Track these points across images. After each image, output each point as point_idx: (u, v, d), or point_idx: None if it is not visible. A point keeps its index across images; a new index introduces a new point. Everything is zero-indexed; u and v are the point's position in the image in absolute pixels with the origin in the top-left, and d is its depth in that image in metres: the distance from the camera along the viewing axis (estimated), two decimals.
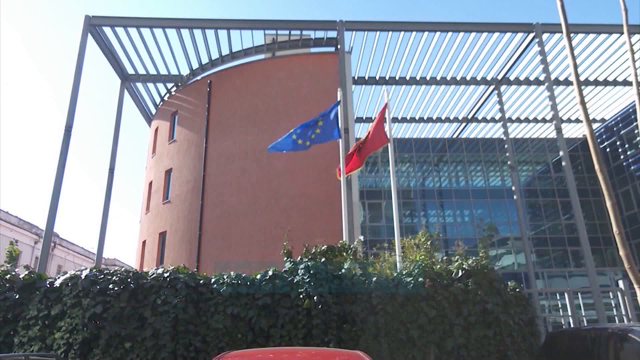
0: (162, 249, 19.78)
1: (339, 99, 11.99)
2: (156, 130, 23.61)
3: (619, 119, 29.99)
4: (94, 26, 18.59)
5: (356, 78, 22.64)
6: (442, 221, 31.87)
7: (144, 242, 21.37)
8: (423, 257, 8.39)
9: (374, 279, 7.84)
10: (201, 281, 7.92)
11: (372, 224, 31.06)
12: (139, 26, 18.74)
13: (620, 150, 30.38)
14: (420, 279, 7.74)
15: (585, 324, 13.16)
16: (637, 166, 29.01)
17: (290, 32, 20.27)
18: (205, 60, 21.65)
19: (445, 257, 9.02)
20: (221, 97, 20.68)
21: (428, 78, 22.91)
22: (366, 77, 22.90)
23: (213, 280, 7.94)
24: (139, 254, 21.71)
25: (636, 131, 28.57)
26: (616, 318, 12.84)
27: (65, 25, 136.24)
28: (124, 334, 7.27)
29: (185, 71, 22.48)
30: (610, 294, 15.13)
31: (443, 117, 27.85)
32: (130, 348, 7.23)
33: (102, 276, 7.81)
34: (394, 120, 27.33)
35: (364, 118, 27.20)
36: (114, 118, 21.59)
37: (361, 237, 10.52)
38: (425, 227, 29.50)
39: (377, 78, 22.91)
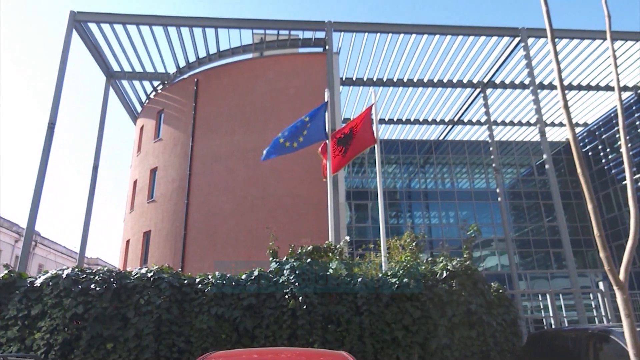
0: (146, 249, 19.58)
1: (326, 100, 12.00)
2: (142, 128, 23.36)
3: (601, 123, 30.56)
4: (79, 22, 18.33)
5: (344, 79, 22.69)
6: (428, 222, 32.11)
7: (127, 242, 21.12)
8: (408, 258, 8.43)
9: (360, 279, 7.86)
10: (185, 281, 7.85)
11: (358, 224, 31.15)
12: (125, 23, 18.53)
13: (602, 154, 30.94)
14: (405, 280, 7.78)
15: (566, 325, 13.36)
16: (618, 170, 29.58)
17: (278, 32, 20.24)
18: (192, 58, 21.50)
19: (430, 258, 9.09)
20: (208, 96, 20.56)
21: (415, 80, 23.07)
22: (354, 78, 22.97)
23: (198, 280, 7.88)
24: (123, 253, 21.46)
25: (617, 135, 29.13)
26: (596, 319, 13.06)
27: (50, 21, 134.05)
28: (106, 335, 7.17)
29: (172, 69, 22.29)
30: (591, 295, 15.38)
31: (429, 119, 28.06)
32: (112, 349, 7.13)
33: (84, 276, 7.69)
34: (381, 121, 27.47)
35: (352, 119, 27.24)
36: (99, 115, 21.31)
37: (347, 238, 10.55)
38: (411, 228, 29.78)
39: (365, 79, 22.99)
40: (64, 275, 7.62)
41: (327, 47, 18.81)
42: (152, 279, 7.69)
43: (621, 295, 3.54)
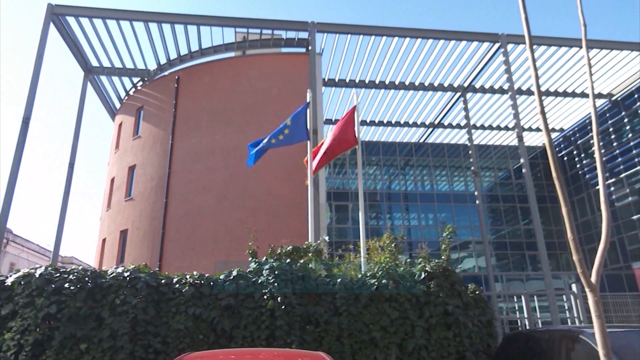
0: (123, 248, 19.25)
1: (308, 100, 12.00)
2: (120, 125, 22.98)
3: (576, 129, 31.32)
4: (56, 15, 17.92)
5: (326, 80, 22.73)
6: (407, 224, 32.42)
7: (103, 240, 20.74)
8: (387, 259, 8.49)
9: (339, 280, 7.88)
10: (163, 281, 7.74)
11: (338, 225, 31.23)
12: (104, 17, 18.20)
13: (576, 159, 31.72)
14: (384, 281, 7.84)
15: (540, 326, 13.65)
16: (592, 175, 30.36)
17: (261, 31, 20.15)
18: (173, 55, 21.24)
19: (409, 260, 9.16)
20: (189, 94, 20.34)
21: (397, 83, 23.26)
22: (336, 79, 23.03)
23: (175, 280, 7.79)
24: (99, 252, 21.05)
25: (592, 141, 29.89)
26: (569, 320, 13.38)
27: (26, 13, 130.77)
28: (80, 335, 7.02)
29: (152, 66, 21.98)
30: (564, 297, 15.75)
31: (410, 122, 28.32)
32: (85, 349, 6.98)
33: (57, 275, 7.51)
34: (363, 123, 27.60)
35: (333, 120, 27.33)
36: (76, 111, 20.86)
37: (326, 238, 10.56)
38: (391, 229, 29.94)
39: (347, 80, 23.08)
40: (36, 274, 7.43)
41: (310, 48, 18.81)
42: (128, 278, 7.56)
43: (592, 297, 3.62)
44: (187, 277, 7.79)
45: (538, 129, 29.47)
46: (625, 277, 26.26)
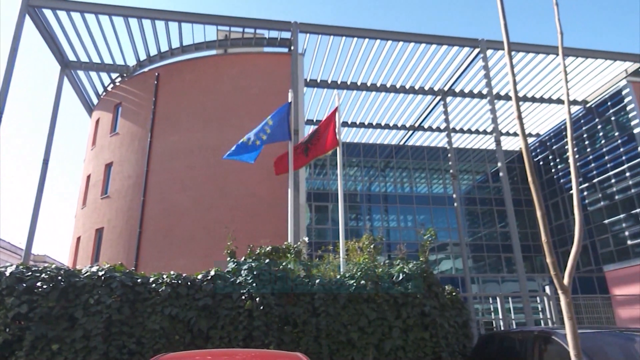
0: (98, 246, 18.86)
1: (290, 100, 11.99)
2: (97, 121, 22.53)
3: (552, 134, 32.05)
4: (32, 7, 17.48)
5: (308, 80, 22.73)
6: (386, 225, 32.64)
7: (78, 239, 20.29)
8: (366, 260, 8.54)
9: (317, 280, 7.88)
10: (139, 280, 7.60)
11: (318, 226, 31.25)
12: (82, 11, 17.83)
13: (552, 164, 32.45)
14: (362, 282, 7.87)
15: (514, 327, 13.90)
16: (566, 180, 31.10)
17: (243, 30, 20.03)
18: (153, 52, 20.94)
19: (387, 261, 9.23)
20: (169, 91, 20.07)
21: (378, 85, 23.41)
22: (318, 80, 23.05)
23: (152, 279, 7.67)
24: (73, 251, 20.58)
25: (567, 147, 30.63)
26: (542, 321, 13.66)
27: (0, 4, 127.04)
28: (52, 335, 6.85)
29: (131, 62, 21.63)
30: (538, 298, 16.08)
31: (391, 124, 28.54)
32: (57, 350, 6.81)
33: (29, 273, 7.31)
34: (344, 124, 27.69)
35: (315, 120, 27.35)
36: (51, 107, 20.38)
37: (305, 238, 10.55)
38: (370, 230, 30.16)
39: (329, 82, 23.12)
40: (7, 273, 7.22)
41: (292, 48, 18.78)
42: (103, 277, 7.41)
43: (564, 299, 3.71)
44: (164, 276, 7.68)
45: (515, 134, 30.05)
46: (596, 280, 26.96)
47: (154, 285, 7.57)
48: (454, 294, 8.66)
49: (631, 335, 6.56)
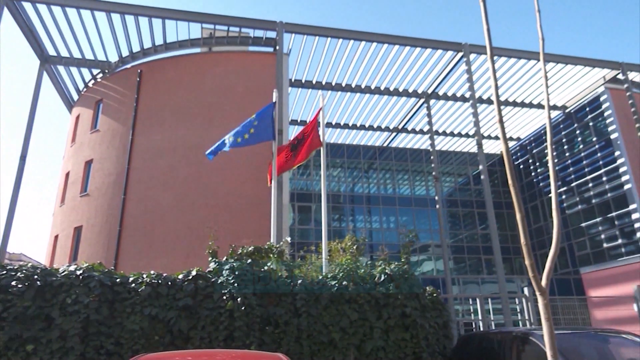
0: (77, 245, 18.53)
1: (274, 100, 11.95)
2: (77, 117, 22.13)
3: (532, 138, 32.61)
4: (12, 0, 17.08)
5: (293, 80, 22.70)
6: (369, 226, 32.79)
7: (56, 237, 19.90)
8: (348, 261, 8.56)
9: (300, 281, 7.87)
10: (118, 280, 7.49)
11: (301, 226, 31.23)
12: (63, 5, 17.46)
13: (532, 167, 33.02)
14: (344, 283, 7.89)
15: (493, 328, 14.10)
16: (546, 183, 31.68)
17: (228, 29, 19.90)
18: (136, 48, 20.66)
19: (369, 262, 9.27)
20: (152, 89, 19.83)
21: (363, 86, 23.51)
22: (303, 81, 23.04)
23: (131, 279, 7.56)
24: (50, 249, 20.17)
25: (546, 151, 31.21)
26: (520, 322, 13.88)
27: None
28: (27, 336, 6.69)
29: (113, 58, 21.30)
30: (516, 300, 16.35)
31: (375, 126, 28.68)
32: (32, 351, 6.67)
33: (4, 272, 7.14)
34: (328, 125, 27.72)
35: (299, 121, 27.32)
36: (30, 102, 19.94)
37: (288, 239, 10.53)
38: (353, 231, 30.27)
39: (314, 82, 23.12)
40: None
41: (277, 48, 18.73)
42: (81, 276, 7.27)
43: (542, 300, 3.78)
44: (144, 276, 7.58)
45: (497, 137, 30.48)
46: (573, 282, 27.52)
47: (133, 284, 7.46)
48: (434, 295, 8.74)
49: (605, 336, 6.72)
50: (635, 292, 11.97)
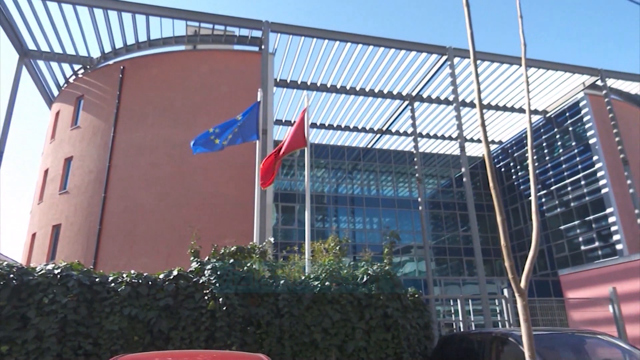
0: (55, 244, 18.17)
1: (259, 100, 11.90)
2: (57, 113, 21.72)
3: (513, 142, 33.11)
4: None
5: (278, 80, 22.64)
6: (352, 227, 32.88)
7: (33, 235, 19.49)
8: (331, 261, 8.57)
9: (282, 281, 7.85)
10: (97, 279, 7.37)
11: (284, 226, 31.16)
12: None
13: (513, 170, 33.52)
14: (327, 283, 7.90)
15: (474, 328, 14.25)
16: (526, 186, 32.19)
17: (213, 27, 19.77)
18: (119, 44, 20.38)
19: (352, 262, 9.29)
20: (135, 85, 19.57)
21: (348, 87, 23.57)
22: (288, 81, 23.00)
23: (111, 278, 7.45)
24: (27, 248, 19.74)
25: (527, 155, 31.71)
26: (499, 323, 14.07)
27: None
28: (1, 336, 6.53)
29: (95, 53, 20.97)
30: (496, 301, 16.57)
31: (359, 127, 28.79)
32: (7, 351, 6.51)
33: None
34: (313, 125, 27.72)
35: (284, 121, 27.27)
36: (8, 97, 19.50)
37: (271, 239, 10.50)
38: (336, 232, 30.32)
39: (299, 82, 23.10)
40: None
41: (262, 47, 18.67)
42: (59, 276, 7.13)
43: (521, 301, 3.83)
44: (124, 275, 7.48)
45: (479, 140, 30.87)
46: (551, 283, 28.02)
47: (113, 284, 7.35)
48: (416, 296, 8.81)
49: (582, 337, 6.86)
50: (610, 294, 12.25)
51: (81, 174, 18.67)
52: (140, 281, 7.43)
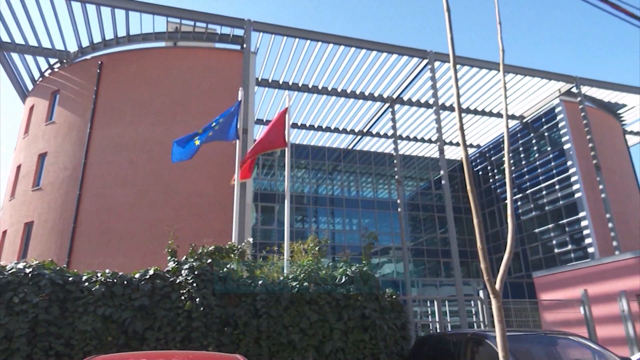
0: (27, 241, 17.70)
1: (240, 99, 11.83)
2: (31, 108, 21.17)
3: (491, 146, 33.69)
4: None
5: (259, 80, 22.56)
6: (332, 228, 32.94)
7: (4, 233, 18.94)
8: (310, 262, 8.56)
9: (260, 282, 7.82)
10: (70, 278, 7.20)
11: (264, 226, 31.03)
12: None
13: (490, 174, 34.10)
14: (305, 284, 7.89)
15: (450, 329, 14.44)
16: (503, 190, 32.79)
17: (195, 24, 19.56)
18: (97, 39, 19.99)
19: (331, 263, 9.30)
20: (113, 81, 19.22)
21: (329, 89, 23.63)
22: (269, 80, 22.93)
23: (85, 277, 7.30)
24: None
25: (504, 159, 32.29)
26: (475, 324, 14.28)
27: None
28: None
29: (73, 48, 20.53)
30: (472, 302, 16.81)
31: (340, 128, 28.88)
32: None
33: None
34: (294, 126, 27.70)
35: (265, 120, 27.17)
36: None
37: (250, 239, 10.44)
38: (315, 233, 30.31)
39: (281, 82, 23.06)
40: None
41: (244, 46, 18.57)
42: (30, 275, 6.95)
43: (495, 303, 3.90)
44: (99, 275, 7.33)
45: (458, 144, 31.31)
46: (526, 285, 28.57)
47: (87, 283, 7.20)
48: (394, 296, 8.87)
49: (554, 338, 7.02)
50: (582, 296, 12.57)
51: (55, 170, 18.23)
52: (115, 281, 7.30)
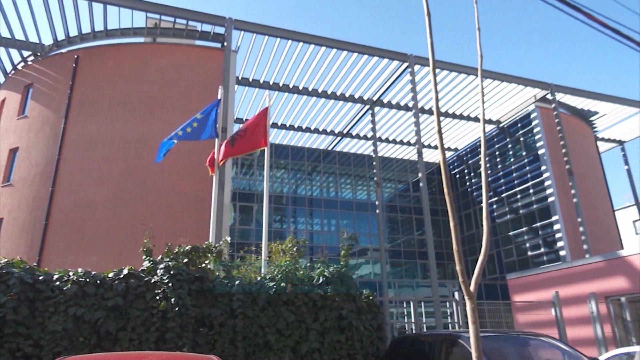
0: None
1: (219, 97, 11.71)
2: (3, 101, 20.53)
3: (468, 150, 34.23)
4: None
5: (240, 78, 22.41)
6: (310, 229, 32.94)
7: None
8: (288, 262, 8.54)
9: (237, 282, 7.75)
10: (41, 277, 7.01)
11: (242, 226, 30.82)
12: None
13: (467, 177, 34.64)
14: (282, 284, 7.86)
15: (425, 330, 14.61)
16: (479, 193, 33.35)
17: (175, 20, 19.30)
18: (73, 32, 19.53)
19: (309, 264, 9.29)
20: (89, 76, 18.80)
21: (310, 89, 23.63)
22: (250, 79, 22.80)
23: (56, 276, 7.11)
24: None
25: (480, 162, 32.83)
26: (450, 325, 14.47)
27: None
28: None
29: (48, 40, 20.04)
30: (447, 303, 17.04)
31: (320, 129, 28.91)
32: None
33: None
34: (274, 125, 27.61)
35: (244, 119, 26.99)
36: None
37: (228, 238, 10.34)
38: (294, 233, 30.25)
39: (261, 82, 22.95)
40: None
41: (225, 44, 18.41)
42: None
43: (470, 304, 3.96)
44: (71, 274, 7.16)
45: (436, 147, 31.69)
46: (500, 287, 29.10)
47: (58, 283, 7.02)
48: (370, 297, 8.92)
49: (526, 339, 7.17)
50: (553, 298, 12.87)
51: (27, 166, 17.73)
52: (87, 280, 7.14)
